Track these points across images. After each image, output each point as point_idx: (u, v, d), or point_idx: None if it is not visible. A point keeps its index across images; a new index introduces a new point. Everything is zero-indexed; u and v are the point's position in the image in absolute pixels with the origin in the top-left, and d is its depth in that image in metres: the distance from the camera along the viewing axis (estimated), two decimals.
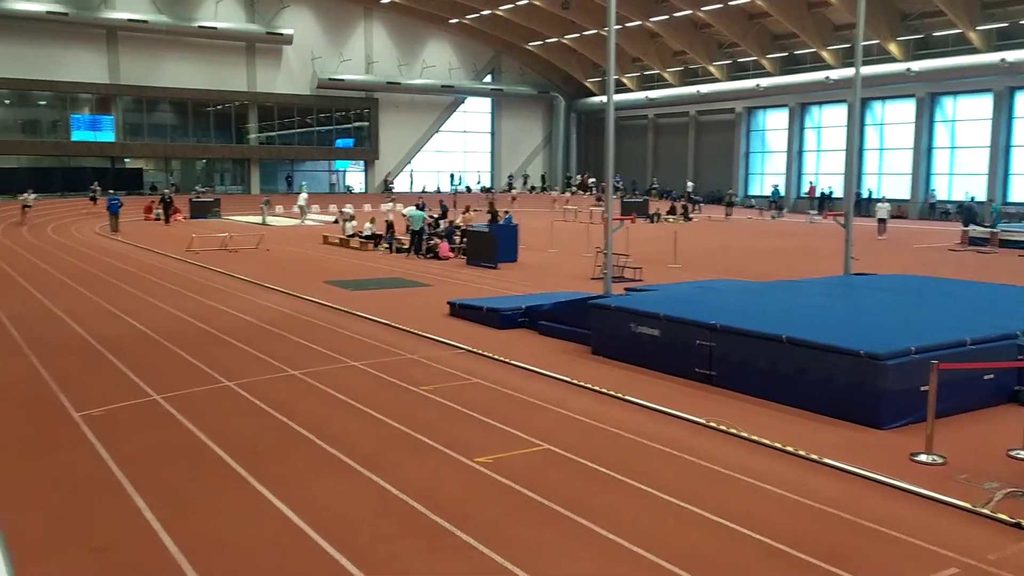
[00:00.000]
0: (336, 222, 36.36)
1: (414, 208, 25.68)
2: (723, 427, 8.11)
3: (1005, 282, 15.95)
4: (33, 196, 37.12)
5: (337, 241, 28.11)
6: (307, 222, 37.84)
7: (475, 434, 7.97)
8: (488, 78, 61.33)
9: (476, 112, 62.07)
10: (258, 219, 37.74)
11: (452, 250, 24.16)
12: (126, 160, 50.45)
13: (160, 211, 37.49)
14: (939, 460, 7.14)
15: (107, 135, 48.66)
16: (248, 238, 27.36)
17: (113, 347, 11.66)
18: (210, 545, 5.55)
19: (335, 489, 6.56)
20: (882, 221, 32.00)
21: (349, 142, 57.27)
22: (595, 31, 51.07)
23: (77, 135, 47.94)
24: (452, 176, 60.07)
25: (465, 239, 24.05)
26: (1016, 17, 38.03)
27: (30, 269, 20.76)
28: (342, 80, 53.94)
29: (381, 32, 56.45)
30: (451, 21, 56.14)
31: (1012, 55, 37.46)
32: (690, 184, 52.74)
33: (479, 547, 5.51)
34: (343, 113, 56.44)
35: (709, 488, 6.61)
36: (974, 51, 39.58)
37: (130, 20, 47.05)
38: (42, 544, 5.53)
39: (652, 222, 38.48)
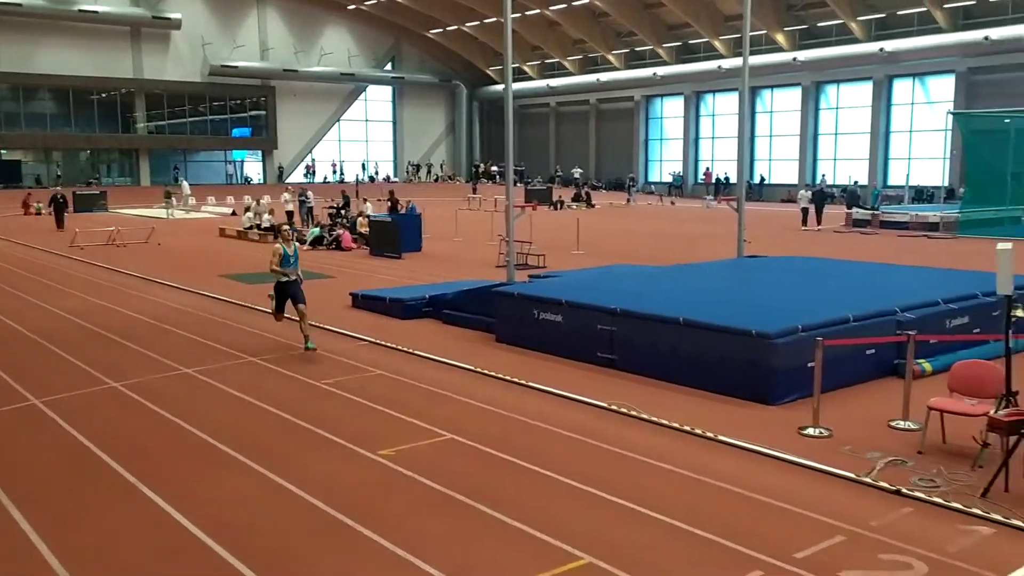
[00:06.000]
0: (233, 213, 35.42)
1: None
2: (625, 410, 8.24)
3: (885, 261, 16.75)
4: None
5: (235, 234, 27.30)
6: (190, 214, 36.81)
7: (378, 427, 7.86)
8: (389, 66, 60.55)
9: (378, 100, 61.20)
10: (160, 212, 36.23)
11: (355, 240, 23.79)
12: (2, 152, 47.62)
13: (41, 207, 35.42)
14: (825, 433, 7.45)
15: None
16: (138, 232, 26.26)
17: None
18: (91, 556, 5.28)
19: (231, 491, 6.35)
20: (806, 210, 30.01)
21: (246, 131, 55.64)
22: (495, 19, 51.02)
23: None
24: (363, 165, 59.17)
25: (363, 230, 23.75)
26: (894, 8, 39.93)
27: None
28: (235, 67, 52.28)
29: (275, 17, 54.97)
30: (349, 7, 55.13)
31: (890, 44, 39.36)
32: (578, 171, 53.34)
33: (382, 542, 5.43)
34: (238, 101, 54.73)
35: (613, 471, 6.70)
36: (855, 41, 41.40)
37: (2, 3, 44.35)
38: None
39: (555, 209, 38.81)
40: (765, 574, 4.99)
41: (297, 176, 56.15)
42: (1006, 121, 30.81)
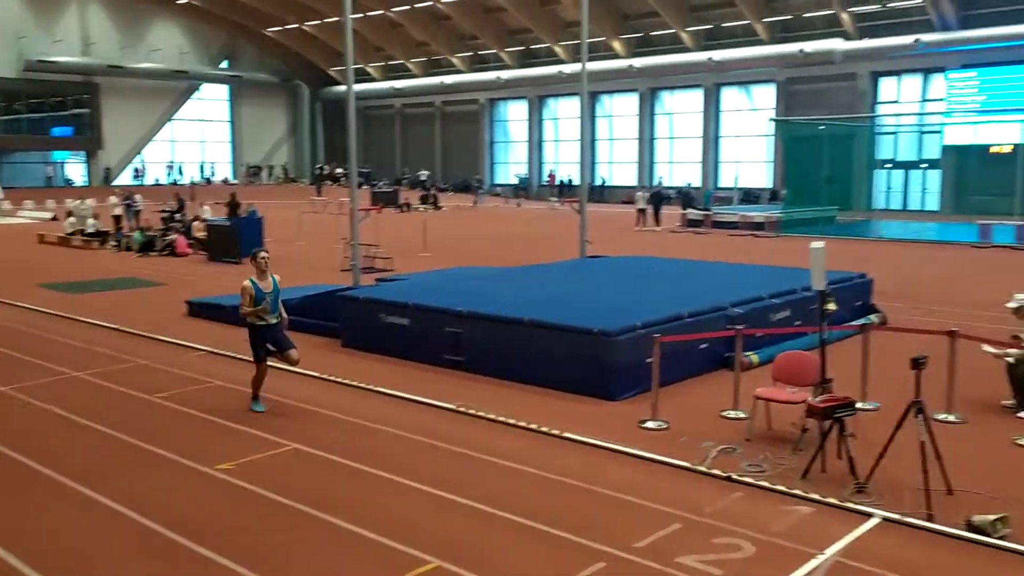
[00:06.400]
0: (55, 218, 33.07)
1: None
2: (472, 411, 8.27)
3: (718, 259, 17.71)
4: None
5: (56, 240, 25.42)
6: (4, 219, 34.21)
7: (216, 440, 7.53)
8: (224, 64, 58.16)
9: (213, 100, 58.64)
10: None
11: (191, 246, 22.70)
12: None
13: None
14: (664, 426, 7.78)
15: None
16: None
17: None
18: None
19: (54, 516, 5.90)
20: (642, 211, 31.16)
21: (67, 131, 51.91)
22: (336, 18, 50.04)
23: None
24: (201, 167, 56.50)
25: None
26: (720, 20, 42.28)
27: None
28: (55, 63, 48.70)
29: (98, 11, 51.63)
30: (179, 1, 52.56)
31: (717, 54, 41.65)
32: (425, 173, 53.22)
33: (216, 558, 5.19)
34: (59, 99, 50.99)
35: (460, 472, 6.71)
36: (686, 50, 43.54)
37: None
38: None
39: (402, 212, 38.55)
40: (608, 565, 5.14)
41: (126, 178, 52.93)
42: (820, 128, 33.37)
